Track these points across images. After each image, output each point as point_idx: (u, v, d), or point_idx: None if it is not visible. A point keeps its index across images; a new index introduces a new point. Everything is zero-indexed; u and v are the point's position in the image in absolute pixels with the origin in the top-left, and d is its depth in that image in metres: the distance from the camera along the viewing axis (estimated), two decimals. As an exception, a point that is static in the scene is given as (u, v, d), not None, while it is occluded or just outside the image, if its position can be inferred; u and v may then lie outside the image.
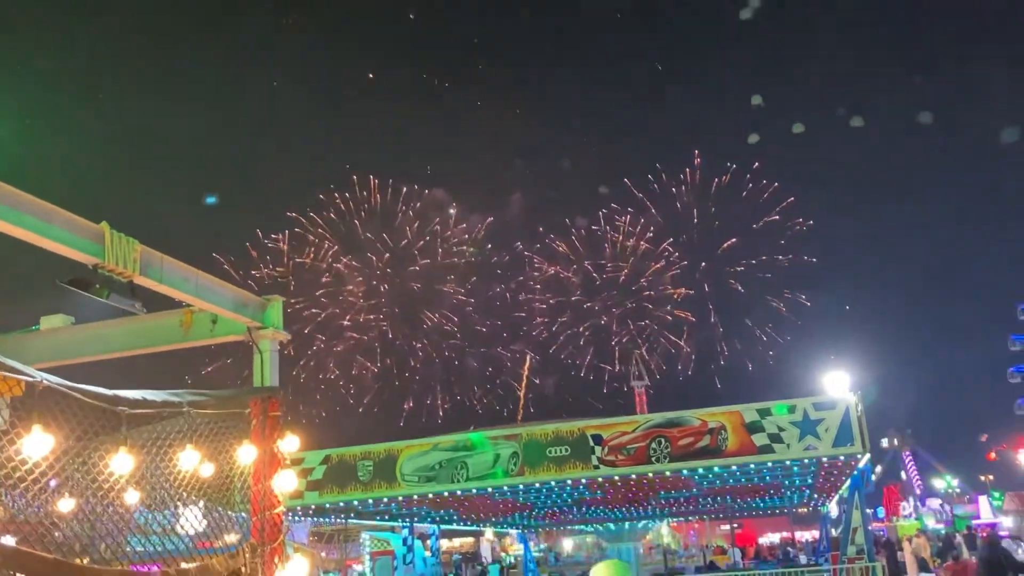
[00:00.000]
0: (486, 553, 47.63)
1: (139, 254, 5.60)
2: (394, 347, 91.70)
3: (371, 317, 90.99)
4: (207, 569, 5.65)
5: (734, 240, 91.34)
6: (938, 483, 70.29)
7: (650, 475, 19.52)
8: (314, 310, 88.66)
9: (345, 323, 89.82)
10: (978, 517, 53.06)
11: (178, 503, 6.16)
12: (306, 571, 6.86)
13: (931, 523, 54.08)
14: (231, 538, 6.46)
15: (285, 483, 6.42)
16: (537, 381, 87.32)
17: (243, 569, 5.96)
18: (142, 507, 6.15)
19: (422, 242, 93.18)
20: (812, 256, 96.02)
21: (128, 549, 5.68)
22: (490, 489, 20.53)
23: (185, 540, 6.10)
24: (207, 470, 6.17)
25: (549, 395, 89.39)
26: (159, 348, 7.12)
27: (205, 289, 6.37)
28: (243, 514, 6.52)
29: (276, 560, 6.16)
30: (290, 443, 6.63)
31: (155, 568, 5.61)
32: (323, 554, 47.01)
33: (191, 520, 6.20)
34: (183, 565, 5.72)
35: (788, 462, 18.48)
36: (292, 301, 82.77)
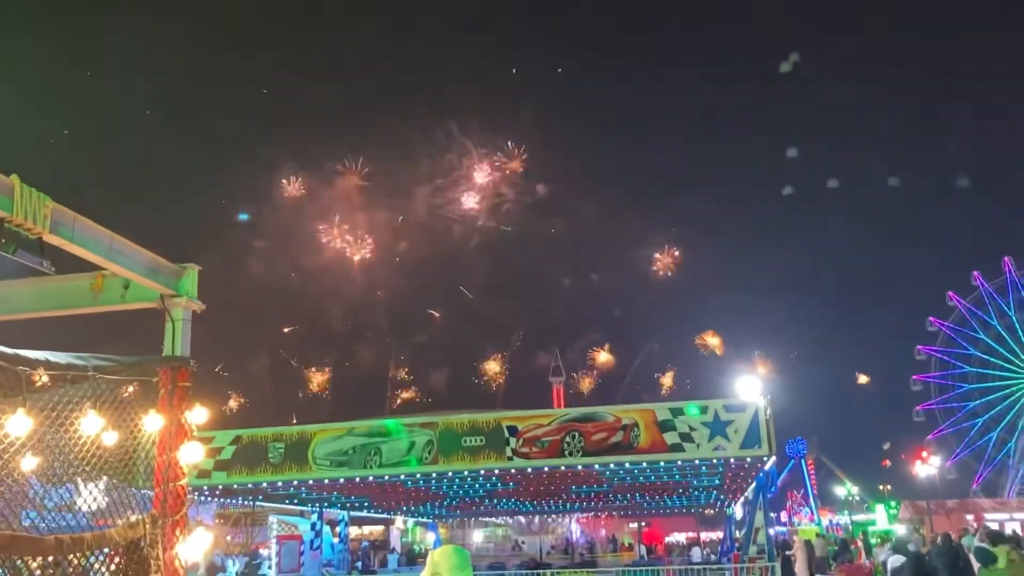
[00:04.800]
0: (395, 541, 47.48)
1: (50, 211, 5.39)
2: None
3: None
4: (104, 538, 5.50)
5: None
6: (839, 490, 72.60)
7: (563, 468, 19.74)
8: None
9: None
10: (874, 524, 55.10)
11: (78, 477, 5.96)
12: (209, 546, 6.74)
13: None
14: (133, 517, 6.28)
15: (191, 455, 6.29)
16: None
17: (143, 540, 5.82)
18: (38, 480, 5.93)
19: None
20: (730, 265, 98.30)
21: (27, 524, 5.48)
22: (403, 476, 20.47)
23: (86, 517, 5.91)
24: (110, 438, 6.00)
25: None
26: (67, 311, 6.90)
27: (118, 252, 6.16)
28: (147, 491, 6.36)
29: (178, 532, 6.03)
30: (198, 415, 6.50)
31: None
32: (229, 537, 46.19)
33: (91, 496, 6.00)
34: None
35: (697, 461, 18.89)
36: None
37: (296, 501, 28.09)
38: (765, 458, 18.62)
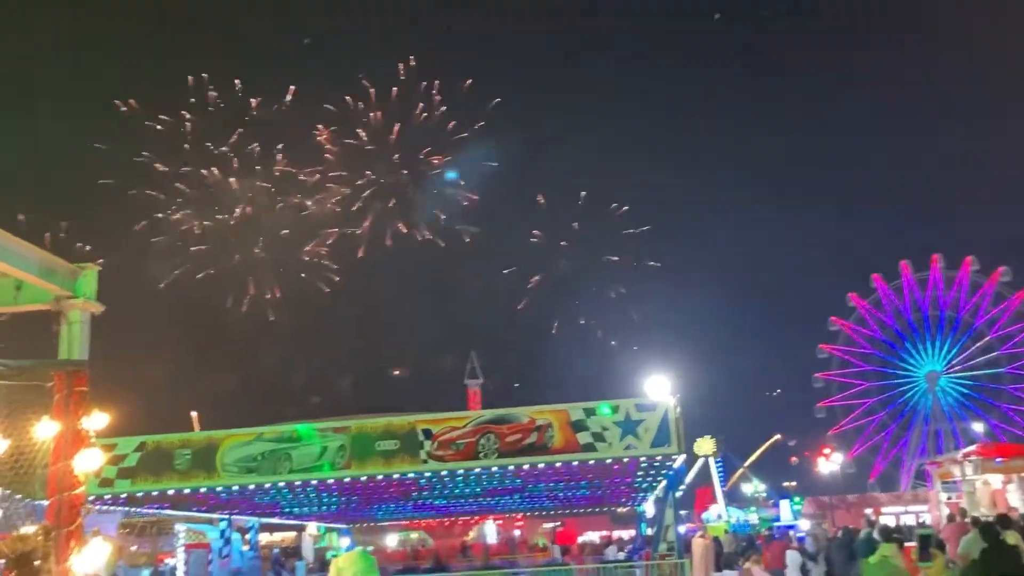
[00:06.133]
0: (308, 547, 46.60)
1: (-67, 208, 5.14)
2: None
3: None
4: (-8, 551, 5.25)
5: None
6: (747, 487, 74.49)
7: (477, 470, 19.74)
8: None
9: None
10: (778, 520, 56.71)
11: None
12: (106, 557, 6.49)
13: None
14: (24, 529, 6.01)
15: (88, 462, 6.04)
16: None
17: (35, 553, 5.57)
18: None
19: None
20: (654, 261, 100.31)
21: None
22: (314, 482, 20.14)
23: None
24: (1, 446, 5.74)
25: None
26: (-48, 314, 6.56)
27: (8, 251, 5.90)
28: (44, 502, 6.08)
29: (72, 544, 5.78)
30: (97, 420, 6.24)
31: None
32: (134, 547, 44.64)
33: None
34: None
35: (609, 460, 19.14)
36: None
37: (204, 509, 27.34)
38: (675, 456, 19.00)
